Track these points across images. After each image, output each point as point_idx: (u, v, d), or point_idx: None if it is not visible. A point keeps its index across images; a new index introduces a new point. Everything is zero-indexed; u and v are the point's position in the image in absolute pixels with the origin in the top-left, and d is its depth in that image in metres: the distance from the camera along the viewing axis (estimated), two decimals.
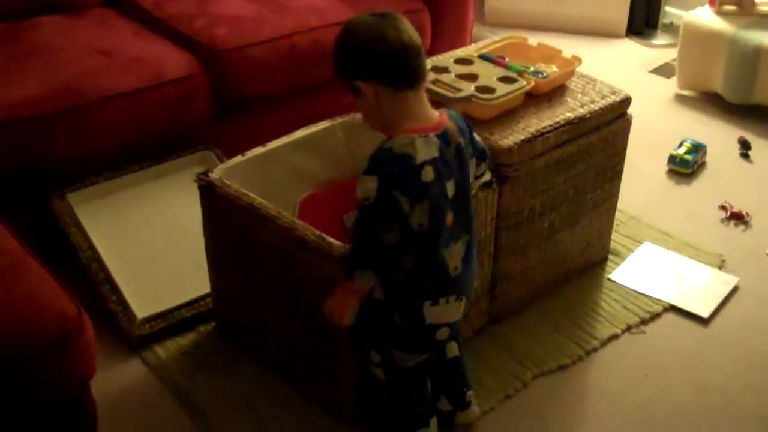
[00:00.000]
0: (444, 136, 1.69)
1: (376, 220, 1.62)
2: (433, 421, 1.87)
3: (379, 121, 1.72)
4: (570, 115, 2.22)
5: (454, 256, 1.72)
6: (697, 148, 3.09)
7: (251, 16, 2.71)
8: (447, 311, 1.74)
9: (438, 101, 2.17)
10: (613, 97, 2.33)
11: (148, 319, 2.19)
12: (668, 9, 4.24)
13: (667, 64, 3.89)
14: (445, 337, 1.79)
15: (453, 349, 1.90)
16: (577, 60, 2.39)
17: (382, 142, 1.66)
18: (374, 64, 1.65)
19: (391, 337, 1.77)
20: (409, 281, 1.70)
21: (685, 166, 3.04)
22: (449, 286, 1.72)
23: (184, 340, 2.21)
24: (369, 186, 1.60)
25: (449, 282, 1.72)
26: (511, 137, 2.11)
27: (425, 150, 1.64)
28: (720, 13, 3.47)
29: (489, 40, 2.55)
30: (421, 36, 2.95)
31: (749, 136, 3.26)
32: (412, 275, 1.70)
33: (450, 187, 1.69)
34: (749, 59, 3.30)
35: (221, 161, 2.50)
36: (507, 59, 2.34)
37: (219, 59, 2.55)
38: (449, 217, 1.70)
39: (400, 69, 1.65)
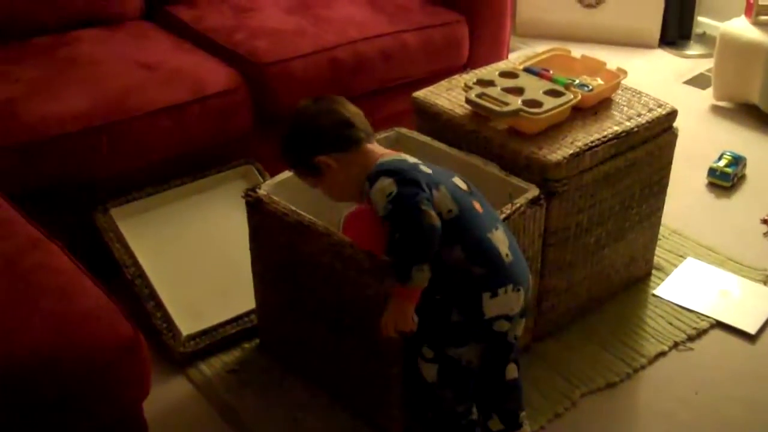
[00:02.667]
0: None
1: (408, 203, 1.64)
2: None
3: (350, 184, 1.81)
4: (617, 128, 2.20)
5: (500, 242, 1.72)
6: (737, 161, 3.05)
7: (291, 29, 2.70)
8: (506, 302, 1.72)
9: (485, 115, 2.16)
10: (659, 110, 2.30)
11: (193, 336, 2.18)
12: (701, 19, 4.21)
13: (701, 74, 3.86)
14: (505, 329, 1.76)
15: (512, 372, 1.87)
16: (622, 72, 2.36)
17: (368, 182, 1.74)
18: (322, 137, 1.82)
19: (447, 335, 1.75)
20: (464, 275, 1.69)
21: (726, 179, 3.01)
22: (505, 274, 1.71)
23: (229, 357, 2.20)
24: (386, 186, 1.67)
25: (504, 269, 1.71)
26: (559, 152, 2.08)
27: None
28: (756, 23, 3.43)
29: (531, 52, 2.53)
30: (458, 48, 2.98)
31: None
32: (464, 269, 1.69)
33: (459, 182, 1.77)
34: None
35: (262, 175, 2.49)
36: (552, 72, 2.31)
37: (260, 72, 2.54)
38: (477, 205, 1.75)
39: (347, 132, 1.83)
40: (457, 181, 1.79)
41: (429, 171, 1.75)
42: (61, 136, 2.21)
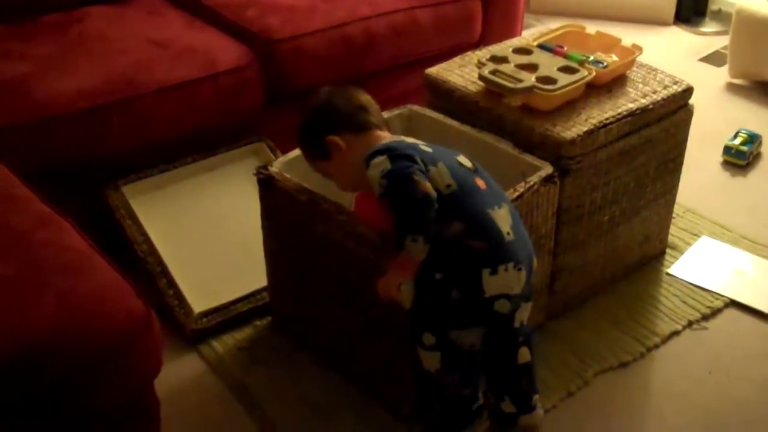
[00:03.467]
0: None
1: (403, 174, 1.63)
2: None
3: (354, 167, 1.78)
4: (632, 105, 2.17)
5: (502, 220, 1.70)
6: (753, 139, 3.02)
7: (303, 6, 2.68)
8: (506, 280, 1.68)
9: (498, 92, 2.14)
10: (675, 87, 2.27)
11: (205, 314, 2.18)
12: None
13: (717, 52, 3.82)
14: (505, 310, 1.71)
15: (525, 355, 1.84)
16: (638, 49, 2.33)
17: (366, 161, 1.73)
18: (339, 116, 1.84)
19: (448, 315, 1.72)
20: (463, 251, 1.66)
21: (741, 158, 2.98)
22: (505, 251, 1.68)
23: (241, 335, 2.20)
24: (380, 162, 1.66)
25: (504, 247, 1.68)
26: (573, 129, 2.06)
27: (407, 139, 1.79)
28: None
29: (545, 28, 2.50)
30: (471, 24, 2.96)
31: None
32: (465, 245, 1.66)
33: (463, 160, 1.77)
34: None
35: (274, 152, 2.48)
36: (566, 49, 2.29)
37: (272, 49, 2.52)
38: (480, 182, 1.74)
39: (361, 114, 1.85)
40: (461, 159, 1.77)
41: (428, 150, 1.74)
42: (73, 113, 2.20)
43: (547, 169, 2.00)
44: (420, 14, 2.78)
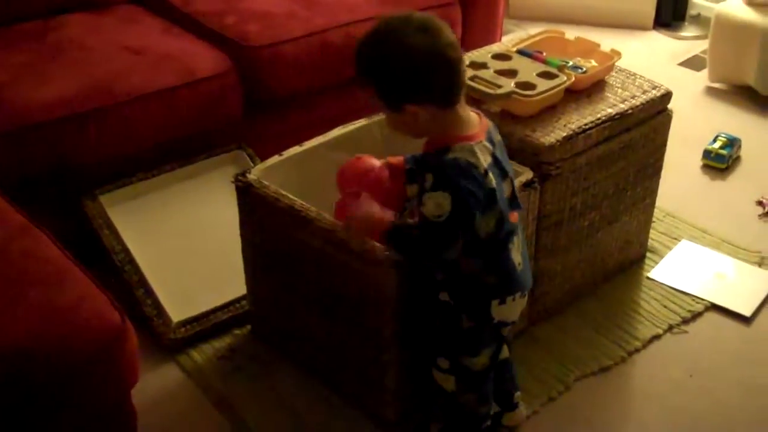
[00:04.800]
0: (489, 138, 1.66)
1: (446, 239, 1.59)
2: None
3: (421, 134, 1.65)
4: (611, 110, 2.18)
5: (516, 251, 1.70)
6: (732, 143, 3.03)
7: (282, 12, 2.67)
8: (513, 309, 1.72)
9: (477, 98, 2.14)
10: (653, 92, 2.28)
11: (184, 323, 2.16)
12: (696, 0, 4.18)
13: (696, 56, 3.83)
14: (506, 333, 1.78)
15: (505, 351, 1.86)
16: (616, 54, 2.34)
17: (439, 153, 1.60)
18: (431, 88, 1.56)
19: (459, 342, 1.74)
20: (475, 282, 1.67)
21: (721, 161, 2.99)
22: (515, 283, 1.70)
23: (220, 344, 2.18)
24: (442, 203, 1.55)
25: (515, 279, 1.70)
26: (552, 134, 2.06)
27: (484, 157, 1.60)
28: (751, 4, 3.40)
29: (525, 34, 2.50)
30: (452, 31, 2.93)
31: None
32: (478, 278, 1.66)
33: (506, 188, 1.67)
34: None
35: (253, 160, 2.47)
36: (545, 54, 2.29)
37: (251, 56, 2.51)
38: (514, 216, 1.69)
39: (455, 88, 1.59)
40: (506, 186, 1.67)
41: (493, 182, 1.60)
42: (49, 122, 2.18)
43: (527, 175, 2.00)
44: None
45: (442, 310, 1.72)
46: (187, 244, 2.33)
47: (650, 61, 3.78)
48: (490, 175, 1.60)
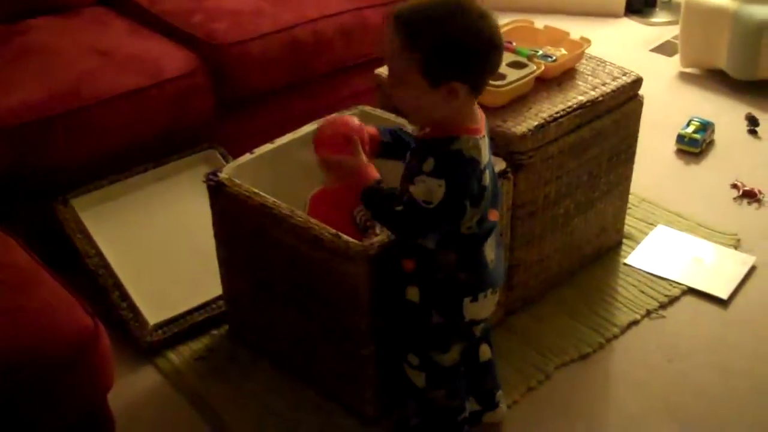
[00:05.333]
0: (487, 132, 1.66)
1: (427, 225, 1.58)
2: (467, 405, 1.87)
3: (434, 119, 1.59)
4: (582, 98, 2.18)
5: (489, 248, 1.68)
6: (705, 127, 3.04)
7: (250, 10, 2.65)
8: (485, 306, 1.71)
9: None
10: (624, 78, 2.28)
11: (160, 325, 2.15)
12: None
13: (668, 42, 3.84)
14: (480, 331, 1.78)
15: (486, 353, 1.86)
16: (586, 42, 2.34)
17: (446, 141, 1.56)
18: (481, 71, 1.55)
19: (428, 338, 1.73)
20: (448, 279, 1.65)
21: (694, 146, 3.00)
22: (487, 279, 1.69)
23: (198, 345, 2.17)
24: (436, 190, 1.53)
25: (488, 275, 1.69)
26: (524, 124, 2.06)
27: (485, 152, 1.59)
28: None
29: None
30: None
31: (756, 112, 3.22)
32: (451, 274, 1.65)
33: (488, 179, 1.64)
34: (753, 34, 3.25)
35: (225, 159, 2.46)
36: (515, 44, 2.29)
37: (219, 55, 2.49)
38: (494, 214, 1.68)
39: (491, 71, 1.58)
40: (487, 178, 1.62)
41: (487, 180, 1.60)
42: (17, 126, 2.16)
43: (499, 165, 2.00)
44: (369, 14, 2.76)
45: (410, 309, 1.70)
46: (161, 246, 2.32)
47: (622, 47, 3.79)
48: (487, 172, 1.59)
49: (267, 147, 2.07)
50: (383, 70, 2.30)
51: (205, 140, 2.52)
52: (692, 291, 2.38)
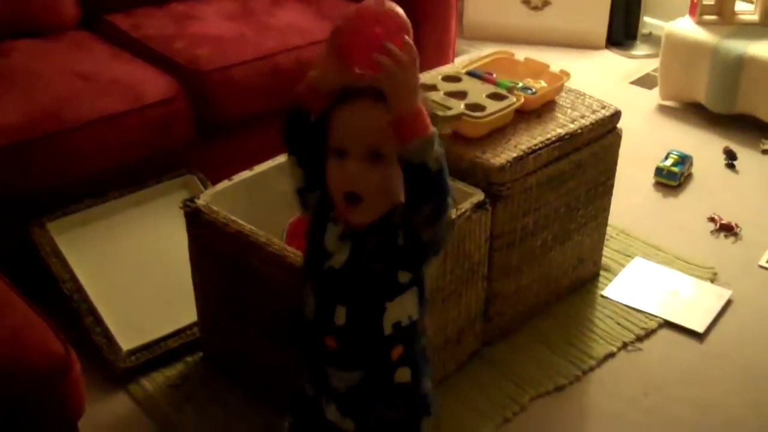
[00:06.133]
0: None
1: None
2: None
3: (391, 200, 1.35)
4: (561, 131, 2.19)
5: None
6: (684, 160, 3.07)
7: (232, 36, 2.66)
8: None
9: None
10: (603, 111, 2.30)
11: (134, 351, 2.13)
12: (647, 19, 4.24)
13: (648, 74, 3.88)
14: None
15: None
16: (565, 75, 2.36)
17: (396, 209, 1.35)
18: None
19: (421, 409, 1.51)
20: (425, 339, 1.50)
21: (672, 179, 3.02)
22: None
23: (172, 372, 2.15)
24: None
25: None
26: (503, 155, 2.07)
27: None
28: (701, 23, 3.46)
29: (475, 55, 2.52)
30: None
31: (734, 146, 3.25)
32: (425, 331, 1.48)
33: None
34: (731, 69, 3.29)
35: (204, 185, 2.45)
36: (495, 75, 2.30)
37: (201, 80, 2.49)
38: None
39: None
40: None
41: None
42: None
43: (478, 196, 2.01)
44: None
45: (398, 392, 1.45)
46: (137, 271, 2.30)
47: (602, 79, 3.82)
48: None
49: (246, 174, 2.08)
50: None
51: (184, 165, 2.51)
52: (669, 324, 2.39)
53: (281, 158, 2.10)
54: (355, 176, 1.29)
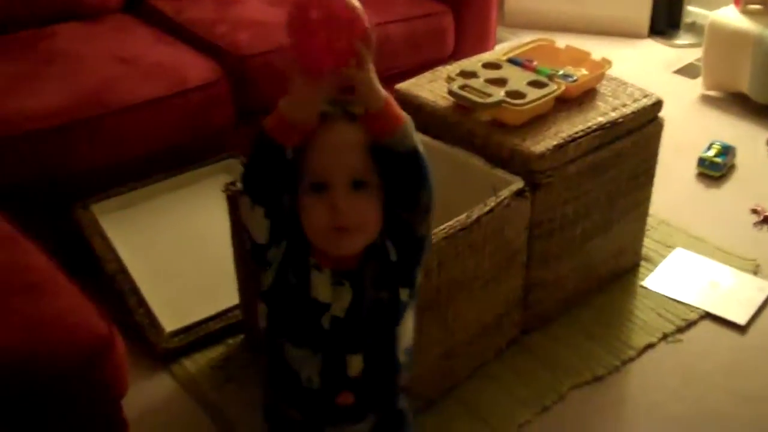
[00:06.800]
0: None
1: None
2: None
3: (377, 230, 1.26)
4: (602, 119, 2.17)
5: None
6: (727, 150, 3.03)
7: (274, 21, 2.66)
8: None
9: (468, 106, 2.14)
10: (644, 100, 2.27)
11: (176, 333, 2.15)
12: (691, 8, 4.18)
13: (691, 64, 3.83)
14: None
15: None
16: (607, 63, 2.34)
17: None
18: None
19: None
20: None
21: (715, 169, 2.99)
22: None
23: (213, 353, 2.17)
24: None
25: None
26: (542, 143, 2.06)
27: None
28: (745, 12, 3.40)
29: (516, 43, 2.50)
30: (443, 39, 2.92)
31: None
32: None
33: None
34: None
35: None
36: (536, 63, 2.29)
37: (241, 65, 2.51)
38: None
39: None
40: None
41: None
42: (41, 131, 2.19)
43: (517, 184, 2.00)
44: (391, 29, 2.78)
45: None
46: (179, 253, 2.33)
47: (645, 69, 3.78)
48: None
49: None
50: (404, 86, 2.31)
51: (225, 149, 2.53)
52: (709, 316, 2.36)
53: None
54: (343, 209, 1.18)
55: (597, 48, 2.45)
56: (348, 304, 1.25)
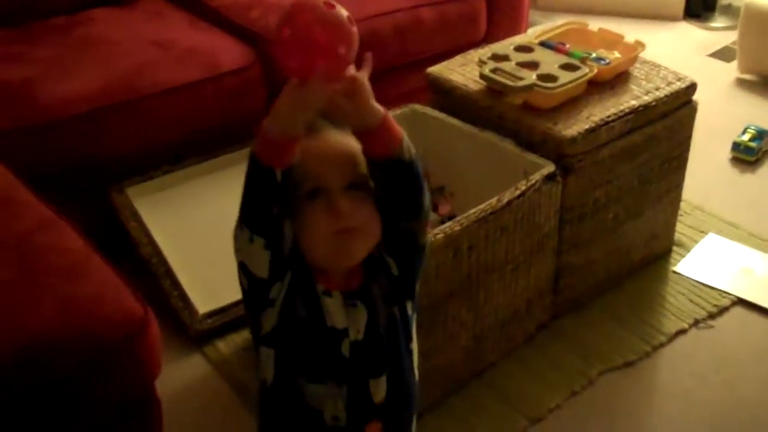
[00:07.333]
0: None
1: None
2: None
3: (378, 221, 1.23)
4: (634, 103, 2.16)
5: None
6: (762, 135, 3.00)
7: None
8: None
9: (499, 90, 2.14)
10: (678, 83, 2.26)
11: (210, 314, 2.18)
12: None
13: (726, 47, 3.79)
14: None
15: None
16: (640, 45, 2.32)
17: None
18: None
19: None
20: None
21: (750, 154, 2.96)
22: None
23: (246, 336, 2.19)
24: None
25: None
26: (574, 126, 2.05)
27: None
28: None
29: (548, 26, 2.49)
30: (475, 23, 2.91)
31: None
32: None
33: None
34: None
35: None
36: (568, 46, 2.28)
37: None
38: None
39: None
40: None
41: None
42: (76, 116, 2.21)
43: (548, 168, 2.00)
44: (424, 13, 2.77)
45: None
46: (213, 236, 2.32)
47: (679, 51, 3.74)
48: None
49: None
50: (436, 69, 2.31)
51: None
52: (742, 302, 2.35)
53: None
54: (343, 209, 1.16)
55: (631, 31, 2.43)
56: (364, 325, 1.22)
